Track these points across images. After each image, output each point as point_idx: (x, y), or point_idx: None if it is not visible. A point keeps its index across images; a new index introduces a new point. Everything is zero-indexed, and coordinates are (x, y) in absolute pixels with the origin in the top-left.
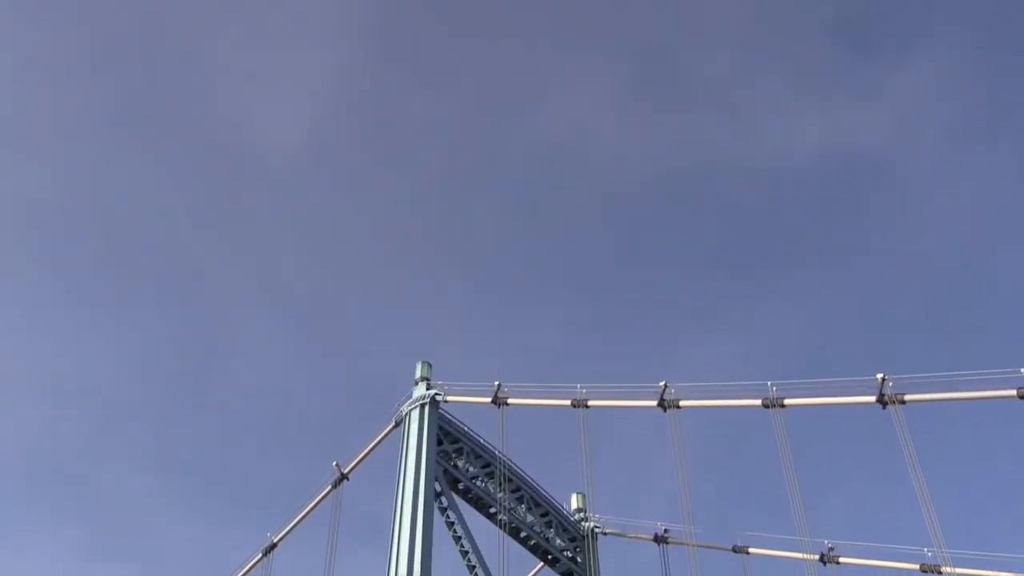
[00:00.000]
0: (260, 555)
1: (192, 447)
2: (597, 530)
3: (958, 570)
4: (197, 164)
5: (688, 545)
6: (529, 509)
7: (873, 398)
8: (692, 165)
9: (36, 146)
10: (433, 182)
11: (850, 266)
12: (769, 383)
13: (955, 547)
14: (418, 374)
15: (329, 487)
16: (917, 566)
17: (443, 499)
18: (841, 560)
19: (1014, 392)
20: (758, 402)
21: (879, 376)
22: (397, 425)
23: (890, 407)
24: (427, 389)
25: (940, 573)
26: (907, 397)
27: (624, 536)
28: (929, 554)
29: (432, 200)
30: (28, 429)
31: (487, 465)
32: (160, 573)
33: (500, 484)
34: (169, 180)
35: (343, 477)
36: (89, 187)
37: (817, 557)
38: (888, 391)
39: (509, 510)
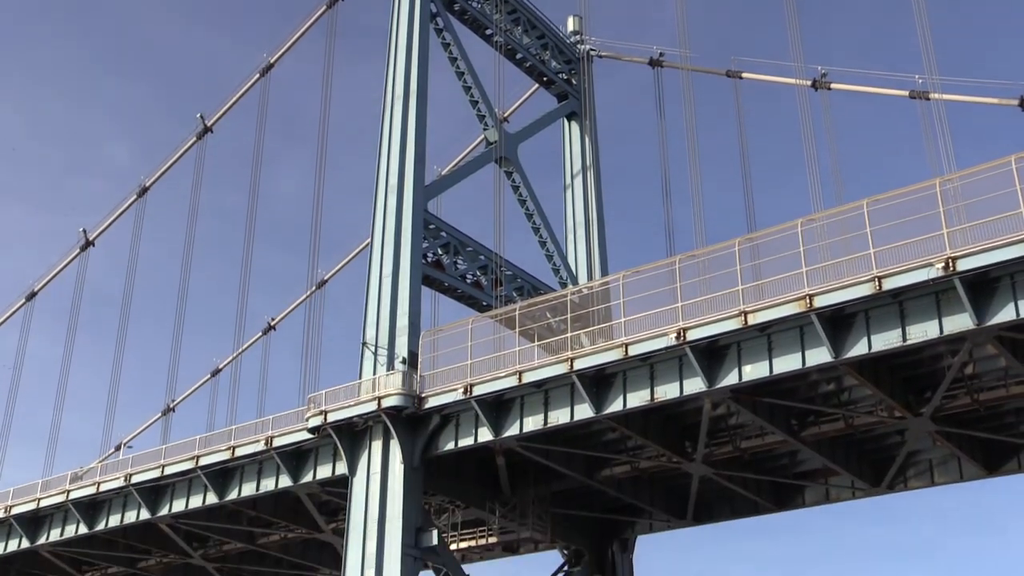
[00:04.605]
0: (257, 75)
1: None
2: (593, 53)
3: (945, 96)
4: None
5: (682, 69)
6: (525, 31)
7: None
8: None
9: None
10: None
11: None
12: None
13: (947, 75)
14: None
15: (324, 7)
16: (907, 92)
17: (439, 20)
18: (833, 86)
19: None
20: None
21: None
22: None
23: None
24: None
25: (928, 99)
26: None
27: (619, 59)
28: (920, 81)
29: None
30: None
31: None
32: (168, 89)
33: (496, 4)
34: None
35: None
36: None
37: (809, 83)
38: None
39: (505, 31)
